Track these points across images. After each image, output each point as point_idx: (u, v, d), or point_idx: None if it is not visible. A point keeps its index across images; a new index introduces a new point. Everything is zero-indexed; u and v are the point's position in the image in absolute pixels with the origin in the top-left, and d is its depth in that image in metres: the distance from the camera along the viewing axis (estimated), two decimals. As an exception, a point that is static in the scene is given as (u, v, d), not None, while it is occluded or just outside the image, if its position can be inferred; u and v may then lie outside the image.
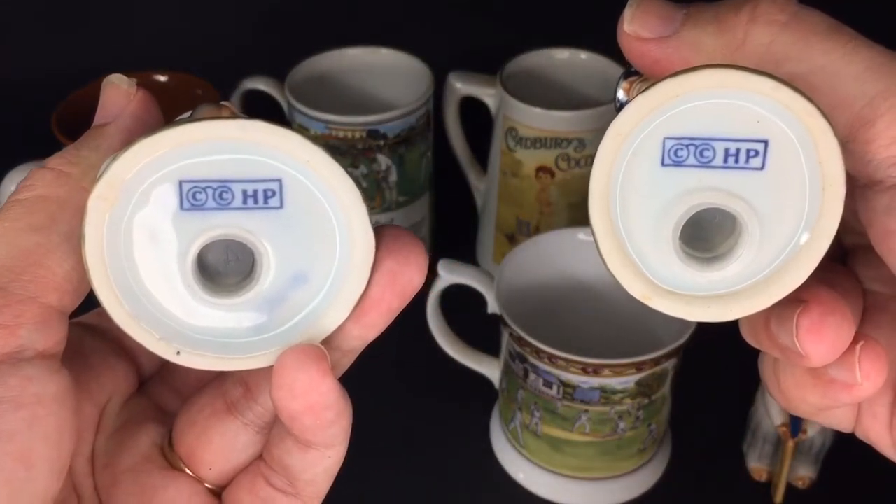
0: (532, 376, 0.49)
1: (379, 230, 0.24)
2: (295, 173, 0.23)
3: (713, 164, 0.22)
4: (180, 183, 0.22)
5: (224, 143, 0.22)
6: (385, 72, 0.65)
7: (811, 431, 0.50)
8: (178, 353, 0.24)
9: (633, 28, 0.26)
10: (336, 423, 0.25)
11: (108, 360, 0.28)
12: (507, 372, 0.52)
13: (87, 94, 0.60)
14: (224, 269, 0.24)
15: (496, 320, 0.51)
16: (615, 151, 0.23)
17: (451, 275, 0.53)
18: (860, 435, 0.27)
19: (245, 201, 0.23)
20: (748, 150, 0.22)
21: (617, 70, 0.62)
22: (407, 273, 0.24)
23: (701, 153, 0.22)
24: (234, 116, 0.23)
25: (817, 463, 0.53)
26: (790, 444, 0.50)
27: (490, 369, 0.55)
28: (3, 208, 0.24)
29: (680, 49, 0.25)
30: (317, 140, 0.27)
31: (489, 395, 0.56)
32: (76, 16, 0.79)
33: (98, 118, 0.26)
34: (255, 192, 0.23)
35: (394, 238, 0.24)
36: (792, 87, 0.21)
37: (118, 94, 0.26)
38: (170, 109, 0.67)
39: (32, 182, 0.24)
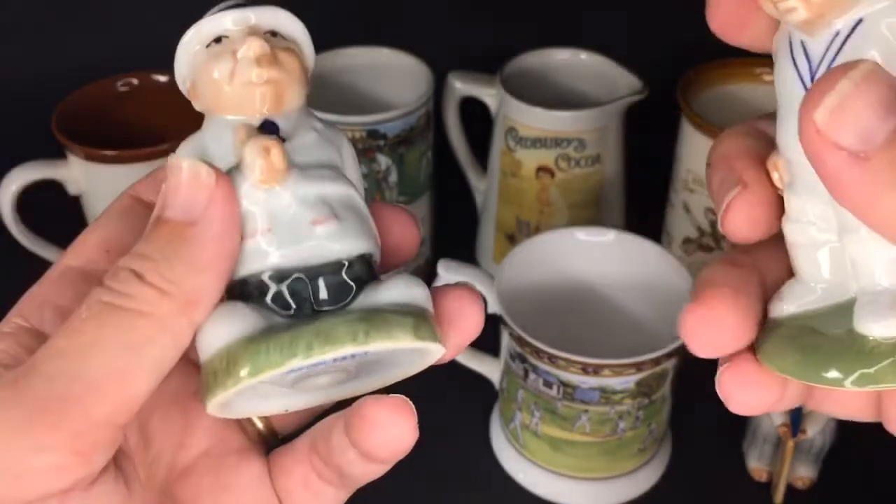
0: (532, 376, 0.49)
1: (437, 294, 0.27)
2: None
3: None
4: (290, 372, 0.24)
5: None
6: (385, 72, 0.65)
7: (811, 432, 0.50)
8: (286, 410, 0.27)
9: (825, 125, 0.20)
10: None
11: None
12: (507, 372, 0.52)
13: (87, 94, 0.60)
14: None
15: (496, 320, 0.51)
16: None
17: (450, 274, 0.53)
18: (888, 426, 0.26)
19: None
20: None
21: (617, 70, 0.62)
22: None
23: None
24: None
25: (817, 463, 0.53)
26: (790, 444, 0.50)
27: (490, 369, 0.55)
28: (95, 309, 0.23)
29: (869, 184, 0.20)
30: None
31: (489, 395, 0.56)
32: (76, 16, 0.79)
33: (174, 209, 0.24)
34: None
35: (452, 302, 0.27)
36: None
37: (197, 187, 0.24)
38: (170, 109, 0.67)
39: (129, 290, 0.23)
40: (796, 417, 0.50)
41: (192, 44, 0.26)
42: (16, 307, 0.26)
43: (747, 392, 0.25)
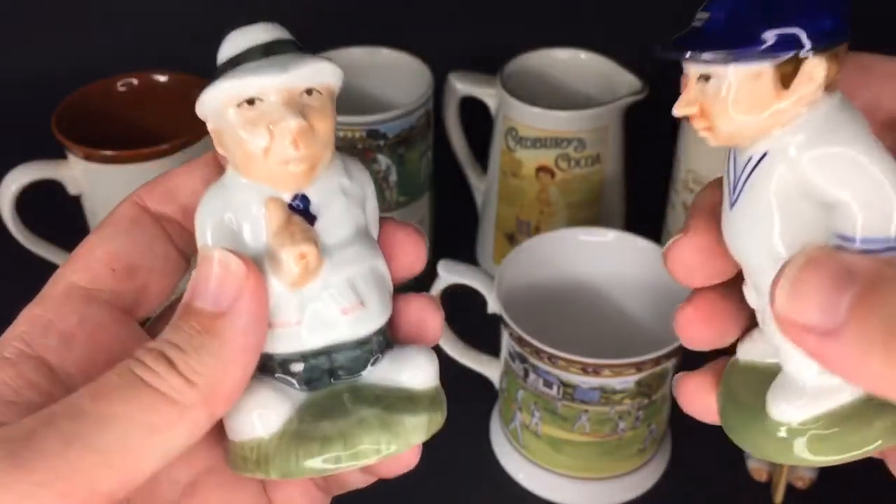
0: (532, 376, 0.49)
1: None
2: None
3: None
4: None
5: None
6: (385, 72, 0.65)
7: (811, 431, 0.50)
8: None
9: (787, 311, 0.22)
10: None
11: None
12: (507, 372, 0.52)
13: (87, 94, 0.60)
14: None
15: (496, 320, 0.51)
16: None
17: (451, 275, 0.53)
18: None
19: None
20: None
21: (617, 70, 0.62)
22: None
23: None
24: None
25: (817, 463, 0.53)
26: (790, 444, 0.50)
27: (490, 369, 0.55)
28: (126, 379, 0.23)
29: (847, 356, 0.21)
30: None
31: (489, 395, 0.56)
32: (76, 16, 0.79)
33: (203, 299, 0.24)
34: None
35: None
36: None
37: (226, 278, 0.24)
38: (170, 109, 0.66)
39: (160, 370, 0.23)
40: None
41: (220, 99, 0.25)
42: (16, 327, 0.26)
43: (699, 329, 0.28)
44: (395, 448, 0.25)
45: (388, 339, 0.27)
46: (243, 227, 0.25)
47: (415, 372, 0.27)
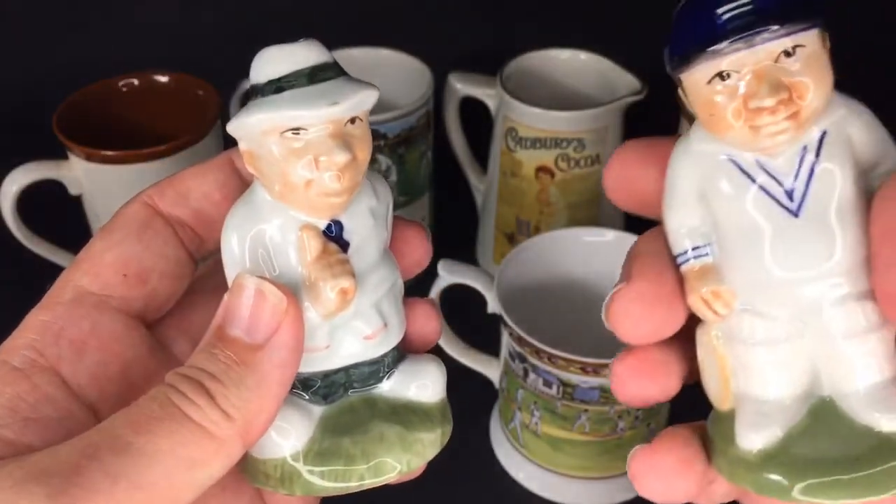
0: (532, 376, 0.49)
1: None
2: None
3: None
4: None
5: None
6: (385, 72, 0.65)
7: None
8: None
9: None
10: None
11: None
12: (506, 372, 0.52)
13: (88, 94, 0.60)
14: None
15: (496, 320, 0.52)
16: None
17: (451, 275, 0.53)
18: None
19: None
20: None
21: (616, 70, 0.62)
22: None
23: None
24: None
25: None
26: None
27: (490, 369, 0.55)
28: (167, 410, 0.23)
29: None
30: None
31: (489, 394, 0.56)
32: (78, 16, 0.80)
33: (238, 328, 0.24)
34: None
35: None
36: None
37: (266, 309, 0.24)
38: (171, 109, 0.66)
39: (199, 402, 0.23)
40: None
41: (262, 125, 0.24)
42: (24, 333, 0.25)
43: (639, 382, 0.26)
44: (415, 465, 0.27)
45: (401, 351, 0.28)
46: (276, 251, 0.25)
47: (426, 384, 0.28)
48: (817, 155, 0.23)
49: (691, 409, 0.59)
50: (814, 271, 0.23)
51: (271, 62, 0.25)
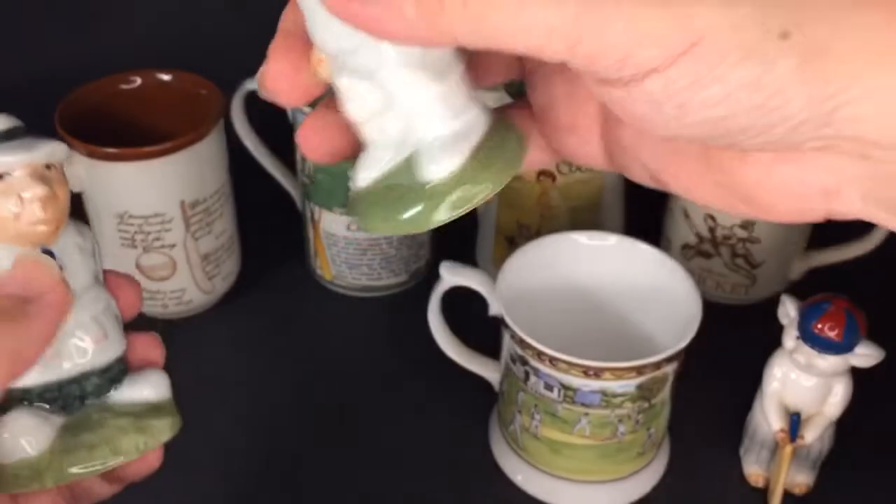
0: (533, 379, 0.49)
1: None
2: None
3: None
4: None
5: None
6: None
7: (809, 437, 0.50)
8: None
9: None
10: None
11: None
12: (507, 374, 0.52)
13: (90, 92, 0.60)
14: None
15: (496, 323, 0.52)
16: None
17: (453, 277, 0.53)
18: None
19: None
20: None
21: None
22: None
23: None
24: None
25: (814, 469, 0.53)
26: (787, 449, 0.50)
27: (490, 372, 0.55)
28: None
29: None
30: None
31: (489, 396, 0.56)
32: (80, 13, 0.79)
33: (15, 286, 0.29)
34: None
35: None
36: None
37: (43, 273, 0.30)
38: (173, 107, 0.66)
39: None
40: (794, 423, 0.50)
41: None
42: None
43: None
44: (151, 444, 0.32)
45: (125, 366, 0.33)
46: None
47: (152, 385, 0.33)
48: None
49: (691, 410, 0.59)
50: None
51: None
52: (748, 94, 0.21)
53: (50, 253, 0.30)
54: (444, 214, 0.25)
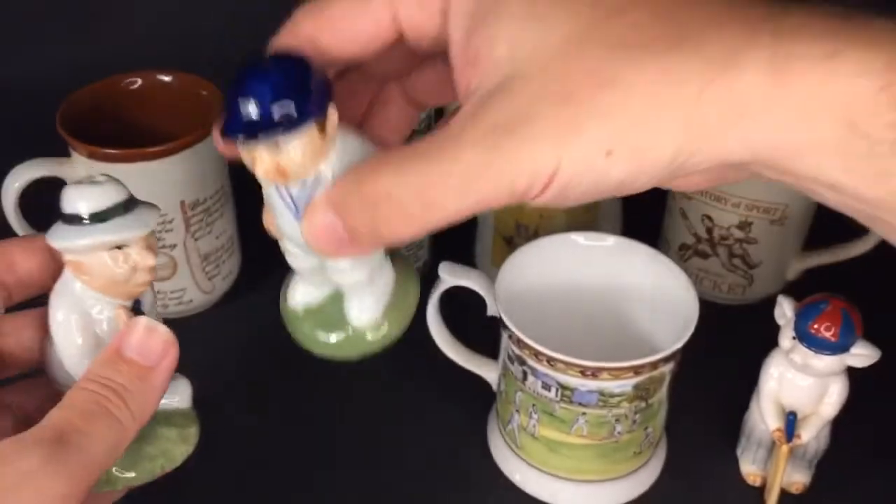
0: (531, 378, 0.50)
1: None
2: None
3: None
4: None
5: None
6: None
7: (805, 437, 0.51)
8: None
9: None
10: None
11: None
12: (505, 374, 0.52)
13: (92, 92, 0.60)
14: None
15: (494, 323, 0.52)
16: None
17: (452, 277, 0.53)
18: None
19: None
20: None
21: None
22: None
23: None
24: None
25: (811, 468, 0.53)
26: (784, 448, 0.50)
27: (488, 371, 0.56)
28: (95, 409, 0.31)
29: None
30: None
31: (487, 396, 0.57)
32: (82, 14, 0.80)
33: (133, 350, 0.33)
34: None
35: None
36: None
37: (158, 340, 0.33)
38: (174, 109, 0.66)
39: (116, 405, 0.32)
40: (791, 423, 0.50)
41: (95, 244, 0.33)
42: None
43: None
44: (189, 451, 0.36)
45: None
46: (97, 325, 0.34)
47: (181, 395, 0.37)
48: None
49: (688, 410, 0.59)
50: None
51: (90, 198, 0.33)
52: (615, 187, 0.28)
53: (138, 302, 0.35)
54: (362, 349, 0.37)
